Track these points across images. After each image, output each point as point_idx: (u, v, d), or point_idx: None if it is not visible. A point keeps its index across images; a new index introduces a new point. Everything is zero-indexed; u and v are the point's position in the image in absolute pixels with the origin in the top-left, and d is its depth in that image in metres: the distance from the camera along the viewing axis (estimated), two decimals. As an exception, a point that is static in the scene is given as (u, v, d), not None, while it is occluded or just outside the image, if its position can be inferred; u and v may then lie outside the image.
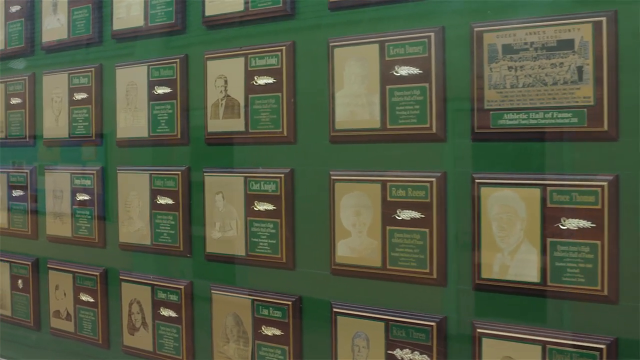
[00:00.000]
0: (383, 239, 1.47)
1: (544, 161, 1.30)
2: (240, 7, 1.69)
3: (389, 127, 1.46)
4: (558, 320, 1.29)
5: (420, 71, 1.41)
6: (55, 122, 2.14)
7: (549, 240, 1.28)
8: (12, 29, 2.26)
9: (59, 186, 2.13)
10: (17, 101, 2.27)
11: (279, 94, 1.62)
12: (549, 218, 1.28)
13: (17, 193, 2.29)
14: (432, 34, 1.39)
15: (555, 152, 1.28)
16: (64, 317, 2.15)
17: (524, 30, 1.29)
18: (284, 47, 1.61)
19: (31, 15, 2.22)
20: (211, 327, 1.77)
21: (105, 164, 2.03)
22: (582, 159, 1.25)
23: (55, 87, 2.14)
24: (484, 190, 1.35)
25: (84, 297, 2.08)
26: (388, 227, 1.46)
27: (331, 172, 1.54)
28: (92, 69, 2.03)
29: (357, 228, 1.51)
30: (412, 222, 1.43)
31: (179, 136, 1.81)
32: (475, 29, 1.34)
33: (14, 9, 2.28)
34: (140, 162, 1.93)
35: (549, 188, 1.28)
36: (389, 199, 1.46)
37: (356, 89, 1.50)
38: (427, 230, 1.41)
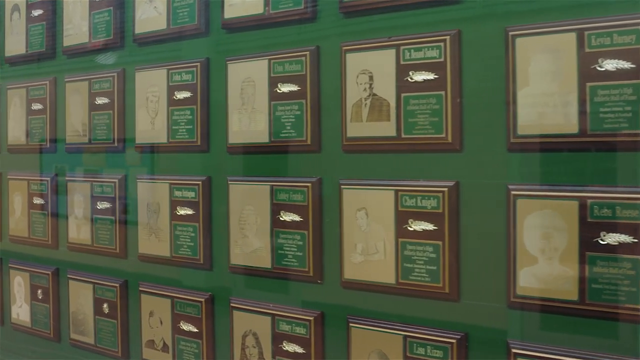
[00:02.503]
0: (581, 268, 1.35)
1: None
2: (390, -10, 1.61)
3: (589, 132, 1.34)
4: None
5: (632, 65, 1.30)
6: (150, 125, 2.09)
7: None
8: (98, 20, 2.22)
9: (155, 198, 2.08)
10: (104, 101, 2.22)
11: (442, 93, 1.52)
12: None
13: (102, 205, 2.25)
14: (653, 19, 1.28)
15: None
16: (159, 348, 2.10)
17: None
18: (447, 37, 1.51)
19: (121, 3, 2.18)
20: (349, 366, 1.71)
21: (212, 174, 1.96)
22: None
23: (151, 84, 2.09)
24: None
25: (185, 326, 2.02)
26: (588, 253, 1.35)
27: (510, 187, 1.44)
28: (197, 63, 1.97)
29: (546, 254, 1.40)
30: (622, 247, 1.31)
31: (308, 142, 1.73)
32: None
33: (101, -4, 2.27)
34: (257, 172, 1.86)
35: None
36: (589, 219, 1.35)
37: (546, 86, 1.39)
38: (645, 258, 1.30)
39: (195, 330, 1.98)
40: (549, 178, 1.40)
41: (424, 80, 1.54)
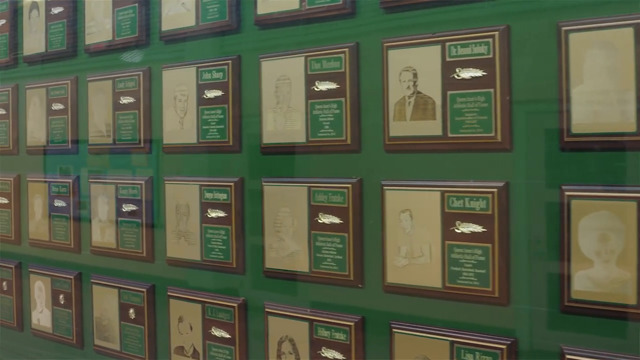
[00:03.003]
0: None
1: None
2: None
3: (649, 131, 1.33)
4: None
5: (695, 60, 1.28)
6: (179, 125, 2.08)
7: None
8: (123, 17, 2.21)
9: (184, 200, 2.07)
10: (129, 100, 2.21)
11: (491, 90, 1.50)
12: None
13: (128, 208, 2.24)
14: None
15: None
16: (189, 354, 2.09)
17: None
18: (496, 33, 1.50)
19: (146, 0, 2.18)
20: (392, 373, 1.69)
21: (245, 175, 1.95)
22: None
23: (180, 83, 2.07)
24: None
25: (217, 332, 2.00)
26: (648, 257, 1.34)
27: (564, 187, 1.42)
28: (229, 61, 1.95)
29: (602, 257, 1.38)
30: (685, 250, 1.30)
31: (348, 141, 1.72)
32: None
33: (126, -8, 2.26)
34: (293, 173, 1.84)
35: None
36: (649, 220, 1.33)
37: (601, 84, 1.37)
38: None
39: (228, 336, 1.97)
40: (605, 178, 1.38)
41: (472, 77, 1.52)
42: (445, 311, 1.59)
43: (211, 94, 1.98)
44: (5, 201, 2.70)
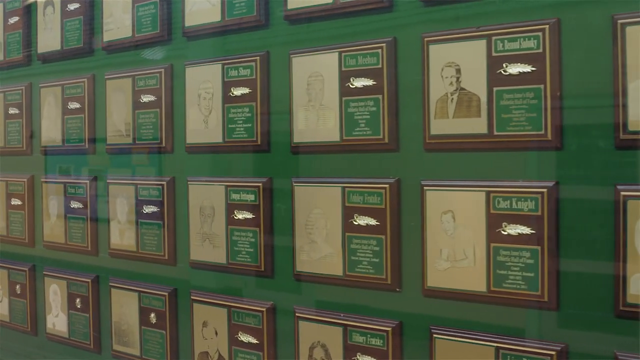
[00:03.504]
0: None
1: None
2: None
3: None
4: None
5: None
6: (203, 124, 2.02)
7: None
8: (143, 12, 2.15)
9: (209, 202, 2.01)
10: (150, 99, 2.15)
11: (540, 87, 1.44)
12: None
13: (148, 209, 2.18)
14: None
15: None
16: (214, 360, 2.03)
17: None
18: (546, 27, 1.44)
19: (169, -6, 2.12)
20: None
21: (273, 175, 1.89)
22: None
23: (204, 80, 2.01)
24: None
25: (244, 337, 1.94)
26: None
27: (619, 187, 1.37)
28: (257, 57, 1.89)
29: (660, 259, 1.33)
30: None
31: (385, 140, 1.66)
32: None
33: (145, -13, 2.20)
34: (326, 173, 1.78)
35: None
36: None
37: (661, 78, 1.32)
38: None
39: (256, 341, 1.91)
40: (662, 177, 1.33)
41: (520, 73, 1.47)
42: (490, 316, 1.53)
43: (238, 91, 1.92)
44: (19, 202, 2.64)
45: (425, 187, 1.60)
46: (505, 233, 1.49)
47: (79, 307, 2.43)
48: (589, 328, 1.43)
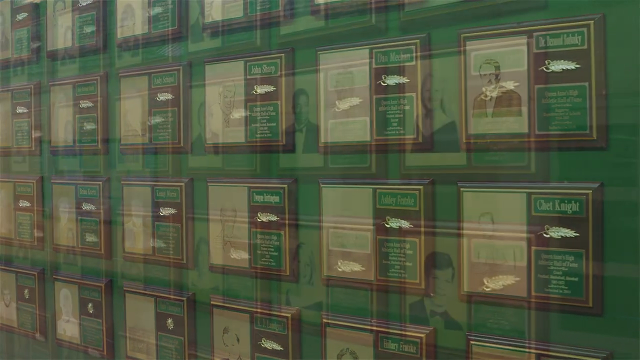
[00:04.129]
0: None
1: None
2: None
3: None
4: None
5: None
6: (224, 123, 1.97)
7: None
8: (160, 8, 2.11)
9: (230, 204, 1.96)
10: (167, 97, 2.10)
11: (585, 84, 1.40)
12: None
13: (165, 211, 2.13)
14: None
15: None
16: (236, 367, 1.99)
17: None
18: (591, 22, 1.40)
19: (187, -11, 2.07)
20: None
21: (299, 176, 1.85)
22: None
23: (225, 78, 1.97)
24: None
25: (268, 344, 1.90)
26: None
27: (670, 188, 1.33)
28: (281, 54, 1.85)
29: None
30: None
31: (419, 140, 1.62)
32: None
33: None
34: (355, 174, 1.74)
35: None
36: None
37: None
38: None
39: (280, 348, 1.87)
40: None
41: (563, 70, 1.42)
42: (531, 321, 1.49)
43: (262, 89, 1.87)
44: (27, 204, 2.59)
45: (462, 189, 1.56)
46: (548, 236, 1.45)
47: (91, 312, 2.37)
48: (634, 335, 1.39)
